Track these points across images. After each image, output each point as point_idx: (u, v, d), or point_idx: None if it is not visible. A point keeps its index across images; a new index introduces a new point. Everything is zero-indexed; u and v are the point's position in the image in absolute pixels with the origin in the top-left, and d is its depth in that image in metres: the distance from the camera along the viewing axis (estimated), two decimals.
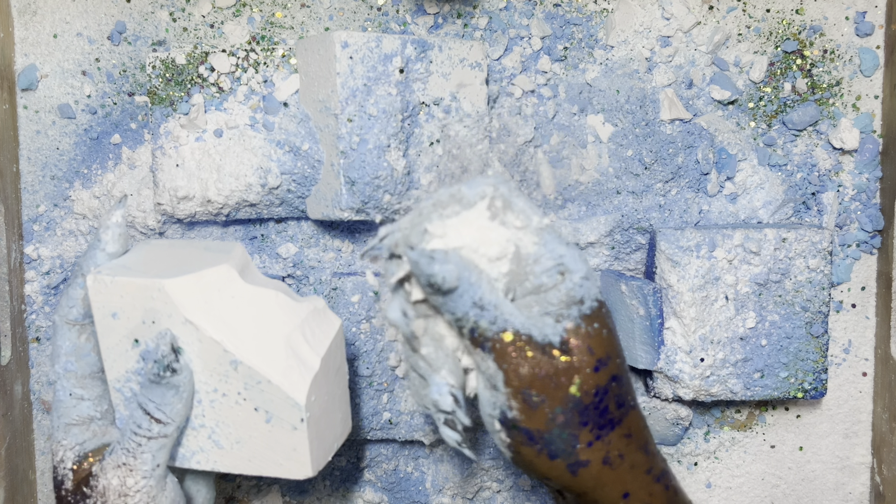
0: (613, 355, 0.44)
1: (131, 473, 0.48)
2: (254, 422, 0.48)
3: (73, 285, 0.50)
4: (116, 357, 0.49)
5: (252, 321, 0.48)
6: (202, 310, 0.48)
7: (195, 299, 0.48)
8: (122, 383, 0.50)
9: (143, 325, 0.48)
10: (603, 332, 0.44)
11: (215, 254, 0.52)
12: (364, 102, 0.55)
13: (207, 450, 0.50)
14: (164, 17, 0.62)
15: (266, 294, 0.49)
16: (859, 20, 0.63)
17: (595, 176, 0.63)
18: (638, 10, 0.63)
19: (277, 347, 0.48)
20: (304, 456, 0.49)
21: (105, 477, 0.48)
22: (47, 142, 0.63)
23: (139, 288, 0.48)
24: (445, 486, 0.65)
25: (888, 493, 0.64)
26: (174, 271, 0.48)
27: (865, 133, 0.64)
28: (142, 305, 0.48)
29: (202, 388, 0.48)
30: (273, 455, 0.49)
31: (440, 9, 0.62)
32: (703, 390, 0.61)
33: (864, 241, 0.65)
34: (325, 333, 0.51)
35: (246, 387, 0.48)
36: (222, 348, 0.47)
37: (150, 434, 0.47)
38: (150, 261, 0.50)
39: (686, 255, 0.59)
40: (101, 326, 0.49)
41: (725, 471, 0.67)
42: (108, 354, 0.49)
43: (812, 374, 0.61)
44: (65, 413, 0.50)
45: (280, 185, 0.59)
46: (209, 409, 0.49)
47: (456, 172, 0.60)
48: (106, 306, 0.48)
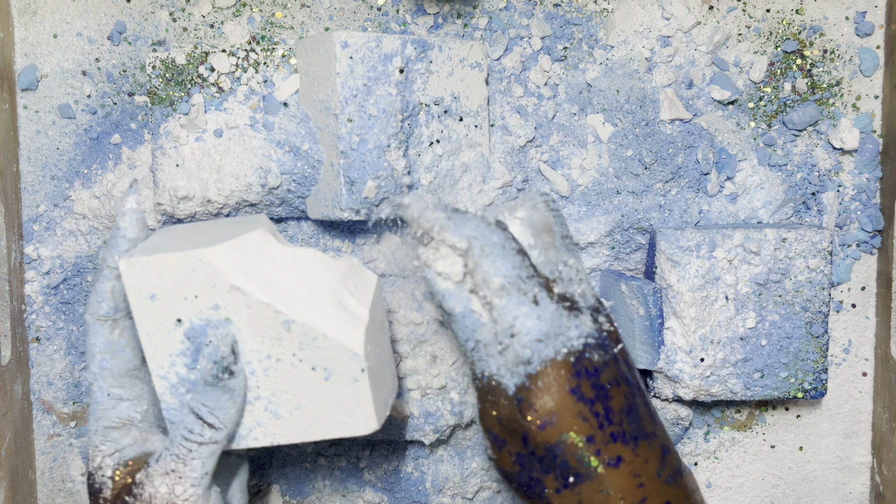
0: (567, 415, 0.44)
1: (180, 481, 0.46)
2: (312, 382, 0.47)
3: (100, 279, 0.48)
4: (158, 342, 0.47)
5: (296, 280, 0.47)
6: (246, 274, 0.46)
7: (237, 265, 0.46)
8: (166, 369, 0.48)
9: (186, 301, 0.46)
10: (553, 391, 0.44)
11: (244, 224, 0.51)
12: (364, 102, 0.55)
13: (265, 423, 0.48)
14: (164, 17, 0.62)
15: (305, 253, 0.48)
16: (859, 20, 0.64)
17: (595, 176, 0.63)
18: (638, 10, 0.63)
19: (326, 303, 0.47)
20: (367, 409, 0.47)
21: (152, 484, 0.46)
22: (47, 142, 0.63)
23: (178, 262, 0.46)
24: (445, 486, 0.65)
25: (888, 493, 0.64)
26: (209, 242, 0.47)
27: (865, 133, 0.64)
28: (182, 280, 0.46)
29: (254, 357, 0.47)
30: (335, 414, 0.47)
31: (440, 9, 0.62)
32: (703, 390, 0.61)
33: (864, 241, 0.65)
34: (366, 288, 0.50)
35: (301, 346, 0.46)
36: (273, 310, 0.46)
37: (201, 440, 0.46)
38: (178, 239, 0.49)
39: (686, 255, 0.59)
40: (140, 312, 0.47)
41: (725, 471, 0.67)
42: (150, 341, 0.47)
43: (812, 374, 0.61)
44: (103, 415, 0.48)
45: (280, 185, 0.59)
46: (263, 378, 0.47)
47: (456, 173, 0.60)
48: (143, 289, 0.46)
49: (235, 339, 0.46)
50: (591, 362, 0.45)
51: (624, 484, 0.45)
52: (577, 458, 0.44)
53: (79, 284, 0.64)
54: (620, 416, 0.45)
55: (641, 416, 0.46)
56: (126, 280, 0.46)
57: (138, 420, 0.49)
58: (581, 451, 0.44)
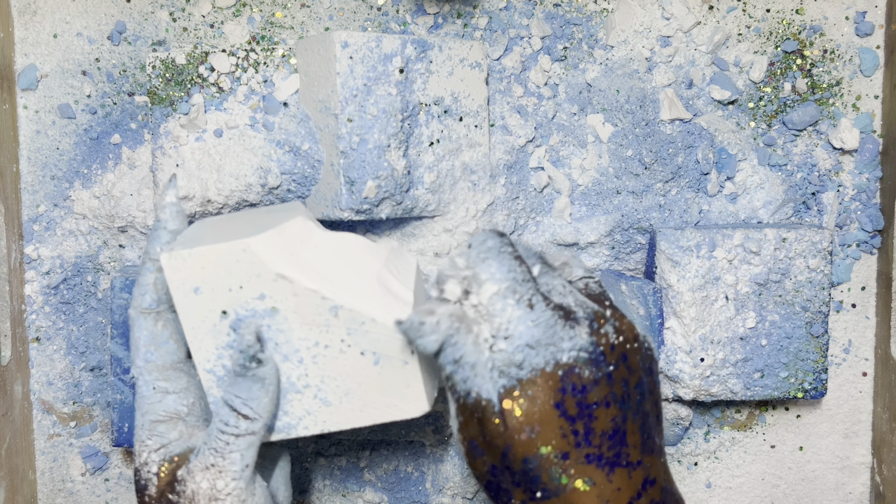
0: (548, 428, 0.43)
1: (220, 475, 0.45)
2: (361, 367, 0.47)
3: (143, 272, 0.48)
4: (204, 335, 0.46)
5: (340, 265, 0.47)
6: (291, 262, 0.46)
7: (282, 253, 0.46)
8: (212, 363, 0.47)
9: (231, 292, 0.46)
10: (538, 402, 0.43)
11: (282, 213, 0.50)
12: (364, 102, 0.55)
13: (315, 411, 0.48)
14: (164, 17, 0.62)
15: (346, 238, 0.48)
16: (859, 20, 0.64)
17: (595, 176, 0.63)
18: (638, 10, 0.63)
19: (371, 286, 0.47)
20: (418, 391, 0.47)
21: (193, 480, 0.46)
22: (47, 142, 0.63)
23: (221, 253, 0.45)
24: (445, 486, 0.65)
25: (888, 493, 0.64)
26: (251, 231, 0.47)
27: (865, 133, 0.64)
28: (226, 272, 0.45)
29: (302, 345, 0.47)
30: (386, 398, 0.47)
31: (440, 9, 0.62)
32: (703, 390, 0.61)
33: (864, 241, 0.65)
34: (407, 270, 0.50)
35: (349, 332, 0.46)
36: (320, 296, 0.46)
37: (237, 431, 0.45)
38: (217, 230, 0.48)
39: (686, 255, 0.59)
40: (183, 306, 0.46)
41: (725, 471, 0.67)
42: (195, 335, 0.46)
43: (812, 374, 0.61)
44: (150, 409, 0.47)
45: (280, 185, 0.59)
46: (312, 365, 0.47)
47: (457, 173, 0.60)
48: (186, 283, 0.45)
49: (261, 328, 0.46)
50: (579, 378, 0.44)
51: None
52: (549, 473, 0.44)
53: (79, 284, 0.64)
54: (601, 438, 0.44)
55: (629, 444, 0.45)
56: (168, 274, 0.45)
57: (185, 414, 0.48)
58: (554, 468, 0.44)
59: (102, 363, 0.64)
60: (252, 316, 0.46)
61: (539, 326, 0.44)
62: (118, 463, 0.66)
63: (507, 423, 0.44)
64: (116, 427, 0.60)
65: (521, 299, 0.44)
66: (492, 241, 0.45)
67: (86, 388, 0.65)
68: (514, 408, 0.43)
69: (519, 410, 0.43)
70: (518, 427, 0.44)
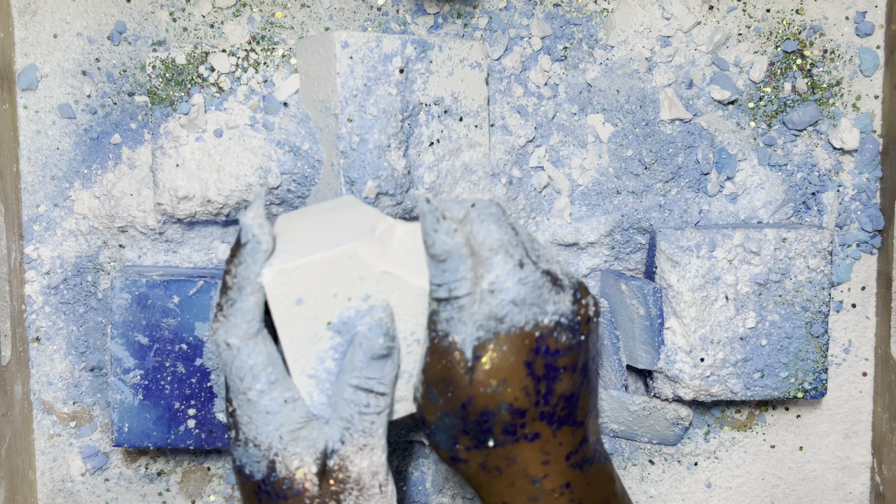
0: (514, 385, 0.45)
1: (374, 451, 0.47)
2: None
3: (242, 298, 0.46)
4: (306, 343, 0.47)
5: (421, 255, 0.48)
6: (391, 260, 0.47)
7: (382, 252, 0.47)
8: (315, 367, 0.48)
9: (336, 297, 0.47)
10: (510, 359, 0.45)
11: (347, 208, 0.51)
12: (364, 102, 0.55)
13: (407, 397, 0.50)
14: (164, 17, 0.62)
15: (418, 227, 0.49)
16: (859, 20, 0.64)
17: (595, 176, 0.63)
18: (638, 10, 0.63)
19: None
20: None
21: (353, 463, 0.47)
22: (47, 142, 0.63)
23: (327, 262, 0.46)
24: (445, 486, 0.65)
25: (888, 493, 0.64)
26: (344, 236, 0.48)
27: (865, 133, 0.64)
28: (331, 279, 0.46)
29: (400, 336, 0.48)
30: None
31: (440, 9, 0.62)
32: (703, 390, 0.61)
33: (864, 241, 0.65)
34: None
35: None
36: (418, 289, 0.47)
37: (378, 409, 0.47)
38: (302, 237, 0.48)
39: (686, 255, 0.59)
40: (285, 318, 0.47)
41: (725, 471, 0.67)
42: (295, 345, 0.47)
43: (812, 374, 0.61)
44: (286, 422, 0.47)
45: (280, 185, 0.59)
46: (407, 356, 0.49)
47: (457, 173, 0.60)
48: (289, 296, 0.46)
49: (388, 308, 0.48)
50: (555, 341, 0.46)
51: (531, 456, 0.47)
52: (503, 426, 0.46)
53: (79, 284, 0.64)
54: (559, 399, 0.47)
55: (579, 406, 0.48)
56: (270, 291, 0.46)
57: (313, 414, 0.49)
58: (508, 422, 0.46)
59: (102, 363, 0.64)
60: (356, 316, 0.47)
61: (526, 285, 0.46)
62: (118, 463, 0.66)
63: (474, 376, 0.46)
64: (116, 427, 0.60)
65: (513, 257, 0.46)
66: (494, 209, 0.47)
67: (86, 388, 0.65)
68: (485, 361, 0.45)
69: (489, 364, 0.45)
70: (485, 381, 0.45)
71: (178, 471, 0.66)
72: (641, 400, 0.63)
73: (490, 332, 0.45)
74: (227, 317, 0.46)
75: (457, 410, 0.46)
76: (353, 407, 0.47)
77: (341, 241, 0.47)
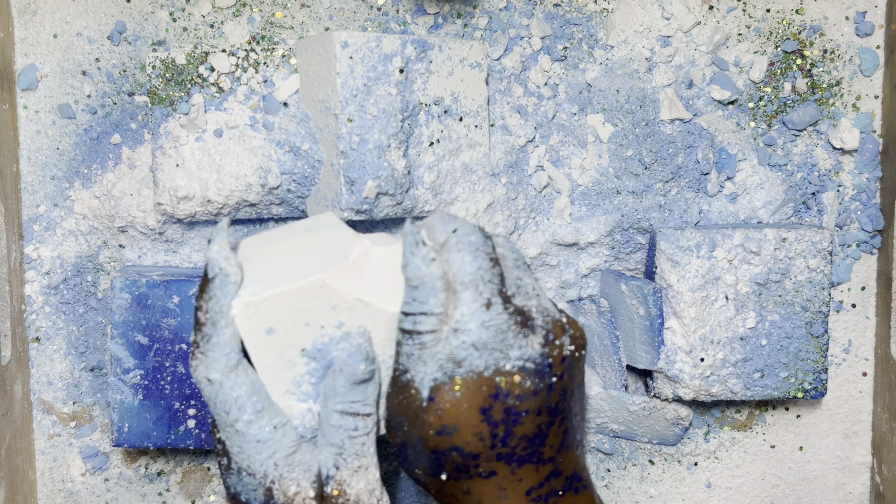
0: (466, 431, 0.44)
1: (369, 470, 0.47)
2: None
3: (217, 334, 0.45)
4: (281, 369, 0.47)
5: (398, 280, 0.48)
6: (364, 287, 0.47)
7: (354, 280, 0.47)
8: (293, 390, 0.48)
9: (308, 327, 0.46)
10: (463, 405, 0.44)
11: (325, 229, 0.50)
12: (364, 102, 0.55)
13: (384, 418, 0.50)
14: (164, 17, 0.62)
15: (396, 251, 0.49)
16: (859, 20, 0.64)
17: (595, 176, 0.63)
18: (638, 10, 0.63)
19: None
20: None
21: (350, 486, 0.47)
22: (47, 142, 0.63)
23: (296, 293, 0.46)
24: None
25: (888, 493, 0.64)
26: (315, 263, 0.47)
27: (865, 133, 0.64)
28: (302, 308, 0.46)
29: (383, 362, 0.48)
30: None
31: (440, 9, 0.62)
32: (703, 390, 0.61)
33: (864, 241, 0.65)
34: None
35: None
36: (391, 315, 0.47)
37: (367, 430, 0.47)
38: (273, 263, 0.48)
39: (686, 255, 0.59)
40: (257, 347, 0.46)
41: (725, 471, 0.67)
42: (270, 371, 0.47)
43: (812, 374, 0.61)
44: (278, 448, 0.47)
45: (280, 185, 0.59)
46: (385, 379, 0.49)
47: (457, 173, 0.60)
48: (259, 326, 0.46)
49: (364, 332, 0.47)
50: (517, 386, 0.44)
51: (487, 491, 0.46)
52: (454, 465, 0.45)
53: (79, 284, 0.64)
54: (520, 441, 0.45)
55: (546, 444, 0.46)
56: (241, 322, 0.46)
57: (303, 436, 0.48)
58: (460, 463, 0.45)
59: (102, 363, 0.64)
60: (330, 343, 0.47)
61: (489, 329, 0.44)
62: (118, 463, 0.66)
63: (426, 417, 0.45)
64: (116, 427, 0.60)
65: (482, 295, 0.44)
66: (475, 237, 0.45)
67: (86, 388, 0.65)
68: (439, 404, 0.44)
69: (442, 408, 0.44)
70: (435, 424, 0.45)
71: (178, 471, 0.66)
72: (641, 400, 0.63)
73: (447, 374, 0.44)
74: (206, 353, 0.46)
75: (412, 442, 0.46)
76: (342, 432, 0.46)
77: (311, 269, 0.46)
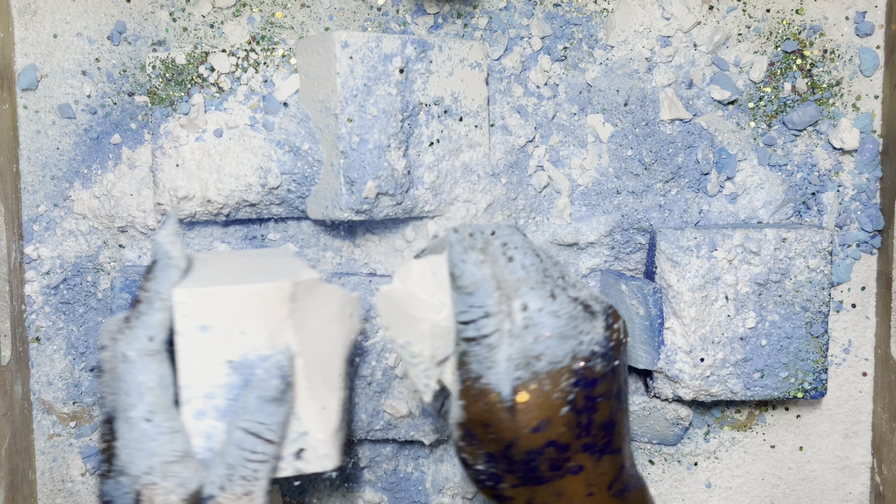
0: (558, 423, 0.44)
1: (254, 499, 0.46)
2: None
3: (149, 312, 0.45)
4: (202, 374, 0.46)
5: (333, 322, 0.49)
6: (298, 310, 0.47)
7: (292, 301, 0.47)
8: (205, 402, 0.47)
9: (242, 334, 0.46)
10: (553, 396, 0.44)
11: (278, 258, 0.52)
12: (364, 102, 0.55)
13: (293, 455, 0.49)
14: (164, 17, 0.62)
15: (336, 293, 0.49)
16: (859, 20, 0.64)
17: (595, 176, 0.63)
18: (638, 10, 0.63)
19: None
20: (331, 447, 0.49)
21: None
22: (47, 142, 0.63)
23: (242, 295, 0.46)
24: (445, 486, 0.65)
25: (888, 493, 0.64)
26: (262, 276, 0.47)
27: (865, 133, 0.64)
28: (239, 312, 0.46)
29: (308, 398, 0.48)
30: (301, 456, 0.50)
31: (440, 9, 0.62)
32: (703, 390, 0.61)
33: (864, 241, 0.65)
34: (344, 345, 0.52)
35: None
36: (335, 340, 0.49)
37: (265, 457, 0.46)
38: (225, 271, 0.49)
39: (686, 255, 0.59)
40: (187, 342, 0.46)
41: (725, 471, 0.67)
42: (189, 373, 0.46)
43: (812, 374, 0.61)
44: (159, 451, 0.46)
45: (280, 185, 0.59)
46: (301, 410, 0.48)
47: (457, 172, 0.60)
48: (196, 320, 0.46)
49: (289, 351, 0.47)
50: (592, 372, 0.45)
51: (577, 490, 0.46)
52: (549, 463, 0.45)
53: (79, 284, 0.64)
54: (598, 429, 0.45)
55: (615, 433, 0.46)
56: (180, 310, 0.45)
57: (190, 451, 0.47)
58: (554, 459, 0.45)
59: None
60: (257, 359, 0.47)
61: (561, 318, 0.44)
62: None
63: (517, 418, 0.44)
64: None
65: (544, 289, 0.45)
66: (517, 235, 0.46)
67: (86, 388, 0.65)
68: (528, 403, 0.44)
69: (532, 405, 0.44)
70: (529, 422, 0.44)
71: None
72: (641, 400, 0.63)
73: (528, 370, 0.44)
74: (132, 328, 0.46)
75: (500, 451, 0.45)
76: (238, 452, 0.45)
77: (262, 279, 0.47)
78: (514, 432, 0.44)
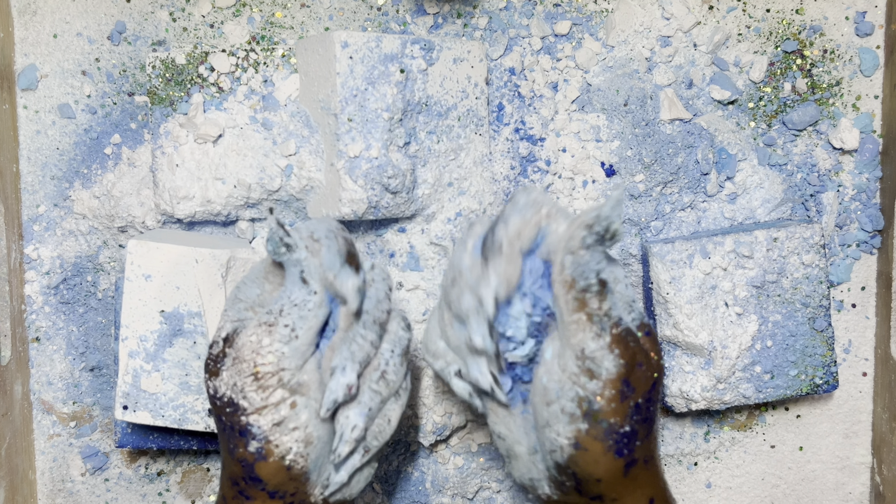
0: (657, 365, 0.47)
1: (270, 332, 0.47)
2: None
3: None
4: (139, 317, 0.55)
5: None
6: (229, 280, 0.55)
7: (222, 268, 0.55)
8: (139, 343, 0.55)
9: (178, 290, 0.55)
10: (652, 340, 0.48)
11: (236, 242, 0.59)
12: (364, 102, 0.55)
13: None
14: (164, 17, 0.62)
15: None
16: (859, 20, 0.64)
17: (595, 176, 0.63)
18: (638, 10, 0.63)
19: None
20: None
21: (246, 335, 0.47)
22: (47, 142, 0.63)
23: (181, 254, 0.54)
24: (445, 486, 0.65)
25: (888, 493, 0.64)
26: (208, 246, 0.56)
27: (865, 133, 0.64)
28: (178, 270, 0.54)
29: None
30: None
31: (440, 9, 0.62)
32: (716, 400, 0.60)
33: (864, 241, 0.65)
34: None
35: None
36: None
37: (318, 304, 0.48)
38: (183, 238, 0.57)
39: (680, 268, 0.59)
40: (131, 287, 0.55)
41: (725, 471, 0.67)
42: (131, 314, 0.55)
43: (822, 368, 0.61)
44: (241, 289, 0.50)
45: (280, 185, 0.59)
46: None
47: (457, 172, 0.60)
48: (141, 268, 0.55)
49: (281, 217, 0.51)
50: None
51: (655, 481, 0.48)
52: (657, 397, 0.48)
53: (79, 284, 0.64)
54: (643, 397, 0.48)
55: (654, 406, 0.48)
56: (130, 258, 0.54)
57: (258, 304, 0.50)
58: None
59: (102, 363, 0.64)
60: (185, 315, 0.55)
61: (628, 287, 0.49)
62: (118, 463, 0.66)
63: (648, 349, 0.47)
64: (120, 428, 0.60)
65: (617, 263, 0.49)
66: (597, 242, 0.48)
67: (86, 388, 0.65)
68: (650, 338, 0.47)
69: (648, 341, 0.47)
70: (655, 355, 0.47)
71: (178, 471, 0.66)
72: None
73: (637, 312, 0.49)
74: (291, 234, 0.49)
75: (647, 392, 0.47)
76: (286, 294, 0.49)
77: (206, 247, 0.55)
78: (656, 368, 0.47)
